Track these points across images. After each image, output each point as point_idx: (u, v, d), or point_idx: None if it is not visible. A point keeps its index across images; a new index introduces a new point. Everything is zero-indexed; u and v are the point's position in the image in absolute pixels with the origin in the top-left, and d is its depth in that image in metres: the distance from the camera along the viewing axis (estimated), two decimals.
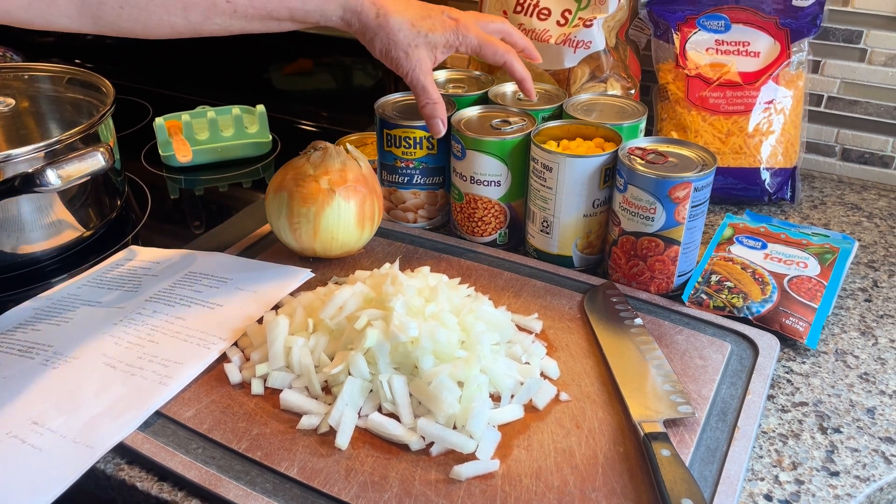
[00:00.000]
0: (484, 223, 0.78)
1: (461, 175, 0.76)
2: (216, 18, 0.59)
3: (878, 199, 0.92)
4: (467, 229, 0.79)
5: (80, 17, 0.54)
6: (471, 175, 0.75)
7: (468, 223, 0.78)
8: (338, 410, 0.55)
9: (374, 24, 0.65)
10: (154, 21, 0.57)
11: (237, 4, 0.59)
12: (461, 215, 0.79)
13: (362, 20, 0.65)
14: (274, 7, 0.61)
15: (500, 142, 0.72)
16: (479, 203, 0.76)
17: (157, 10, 0.56)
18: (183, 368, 0.60)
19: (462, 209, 0.78)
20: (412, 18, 0.66)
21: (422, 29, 0.67)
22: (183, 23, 0.58)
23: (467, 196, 0.76)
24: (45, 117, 0.89)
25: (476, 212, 0.77)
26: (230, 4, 0.59)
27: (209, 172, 1.01)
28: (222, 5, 0.58)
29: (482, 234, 0.78)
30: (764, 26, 0.88)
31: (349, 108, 1.17)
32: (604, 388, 0.59)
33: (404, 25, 0.66)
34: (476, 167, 0.74)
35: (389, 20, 0.65)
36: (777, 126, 0.87)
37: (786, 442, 0.56)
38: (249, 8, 0.60)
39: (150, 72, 1.35)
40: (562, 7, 0.87)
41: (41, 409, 0.56)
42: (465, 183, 0.76)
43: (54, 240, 0.79)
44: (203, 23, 0.59)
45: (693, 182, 0.65)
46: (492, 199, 0.76)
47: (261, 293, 0.69)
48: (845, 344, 0.67)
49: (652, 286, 0.71)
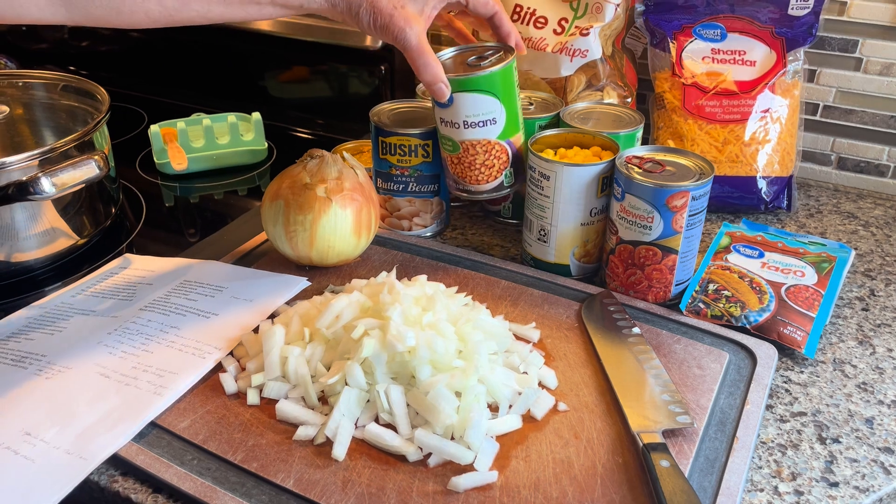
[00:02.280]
0: (487, 168, 0.72)
1: (452, 123, 0.70)
2: (194, 3, 0.56)
3: (874, 208, 0.93)
4: (470, 179, 0.73)
5: (51, 5, 0.52)
6: (463, 120, 0.69)
7: (469, 172, 0.72)
8: (334, 421, 0.54)
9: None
10: (128, 6, 0.54)
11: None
12: (459, 167, 0.73)
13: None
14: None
15: (486, 76, 0.67)
16: (479, 147, 0.71)
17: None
18: (178, 378, 0.59)
19: (459, 160, 0.72)
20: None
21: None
22: (158, 8, 0.55)
23: (464, 144, 0.70)
24: (40, 125, 0.89)
25: (476, 158, 0.72)
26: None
27: (204, 180, 1.01)
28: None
29: (487, 181, 0.73)
30: (760, 35, 0.88)
31: (345, 115, 1.17)
32: (602, 397, 0.59)
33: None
34: (468, 109, 0.68)
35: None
36: (773, 135, 0.87)
37: (785, 452, 0.56)
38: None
39: (145, 79, 1.35)
40: (558, 16, 0.87)
41: (34, 419, 0.56)
42: (458, 130, 0.70)
43: (48, 248, 0.78)
44: (180, 8, 0.56)
45: (691, 191, 0.65)
46: (491, 139, 0.70)
47: (257, 302, 0.68)
48: (843, 353, 0.67)
49: (649, 295, 0.70)
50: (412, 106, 0.83)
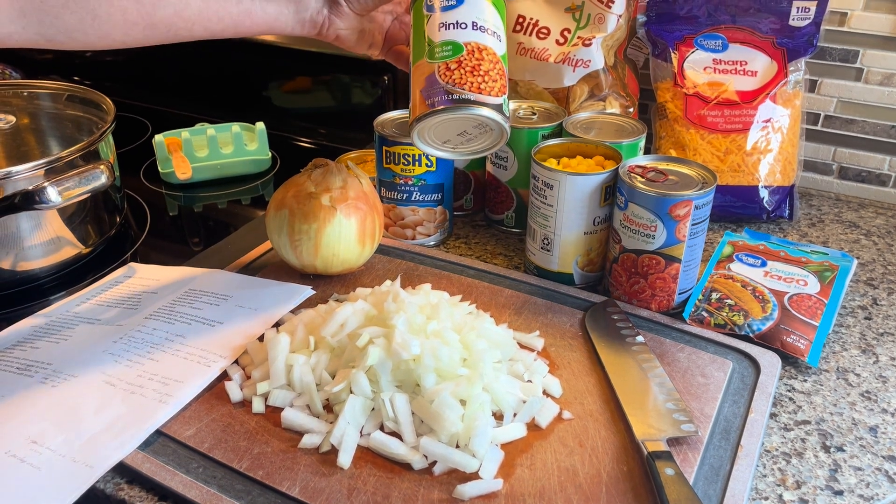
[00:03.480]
0: (490, 78, 0.62)
1: (458, 24, 0.62)
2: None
3: (875, 217, 0.93)
4: (472, 86, 0.61)
5: (22, 17, 0.50)
6: (472, 21, 0.61)
7: (472, 78, 0.61)
8: (339, 429, 0.54)
9: None
10: (104, 8, 0.52)
11: None
12: (459, 72, 0.61)
13: None
14: None
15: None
16: (485, 54, 0.61)
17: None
18: (183, 387, 0.59)
19: (461, 64, 0.61)
20: None
21: None
22: (135, 7, 0.53)
23: (469, 46, 0.61)
24: (46, 134, 0.89)
25: (482, 63, 0.61)
26: None
27: (208, 189, 1.01)
28: None
29: (490, 93, 0.61)
30: (761, 46, 0.89)
31: (348, 125, 1.18)
32: (606, 406, 0.59)
33: None
34: (478, 12, 0.62)
35: None
36: (775, 144, 0.88)
37: (789, 461, 0.56)
38: None
39: (149, 89, 1.35)
40: (561, 26, 0.88)
41: (40, 427, 0.56)
42: (463, 31, 0.61)
43: (53, 257, 0.78)
44: (157, 3, 0.54)
45: (694, 200, 0.65)
46: (496, 52, 0.62)
47: (261, 311, 0.68)
48: (846, 362, 0.67)
49: (653, 304, 0.71)
50: None
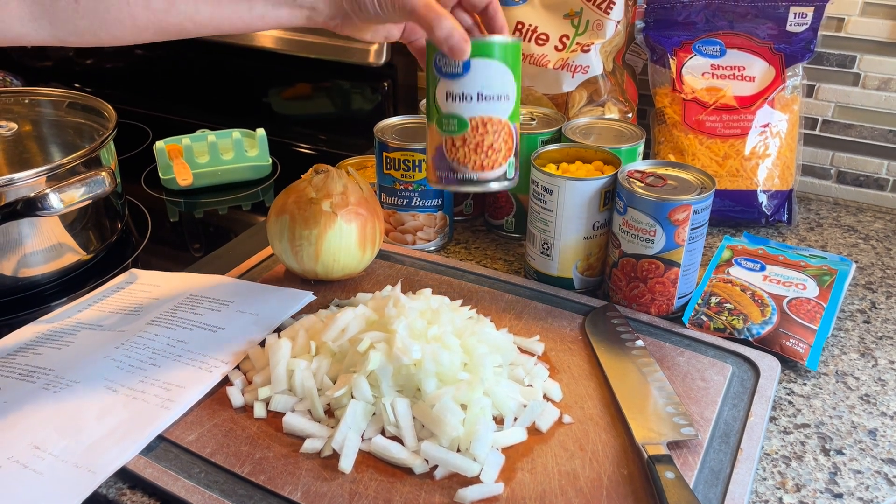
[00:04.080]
0: (494, 151, 0.63)
1: (463, 97, 0.61)
2: (181, 4, 0.54)
3: (874, 222, 0.93)
4: (475, 164, 0.63)
5: (34, 20, 0.51)
6: (478, 92, 0.60)
7: (475, 156, 0.63)
8: (341, 434, 0.54)
9: None
10: (113, 14, 0.53)
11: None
12: (463, 150, 0.63)
13: None
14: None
15: (507, 44, 0.60)
16: (489, 127, 0.62)
17: None
18: (185, 392, 0.60)
19: (464, 142, 0.62)
20: None
21: None
22: (145, 13, 0.53)
23: (473, 121, 0.61)
24: (47, 141, 0.90)
25: (485, 138, 0.62)
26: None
27: (209, 195, 1.02)
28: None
29: (492, 167, 0.63)
30: (759, 51, 0.89)
31: (349, 131, 1.18)
32: (606, 410, 0.59)
33: None
34: (485, 80, 0.60)
35: None
36: (773, 149, 0.88)
37: (789, 464, 0.56)
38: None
39: (149, 96, 1.36)
40: (559, 33, 0.88)
41: (42, 433, 0.56)
42: (469, 104, 0.61)
43: (55, 263, 0.79)
44: (168, 10, 0.54)
45: (692, 205, 0.65)
46: (502, 118, 0.62)
47: (262, 316, 0.69)
48: (845, 365, 0.67)
49: (652, 308, 0.71)
50: (415, 121, 0.84)
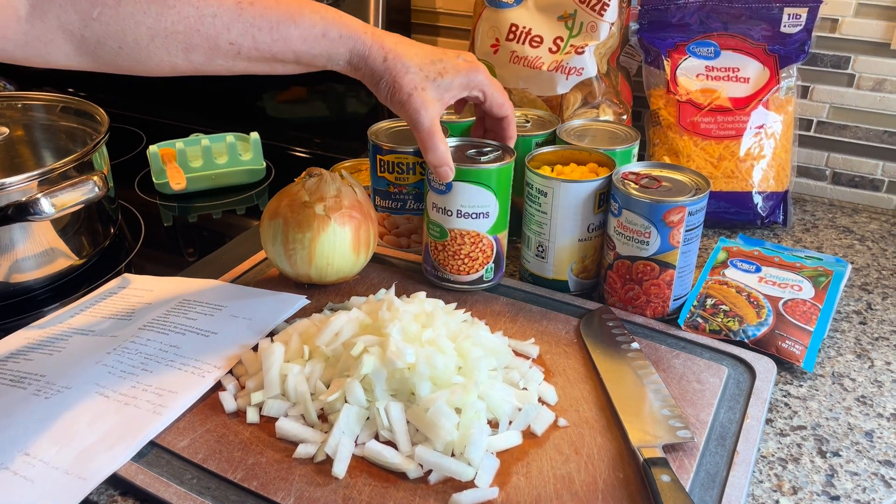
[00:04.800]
0: (471, 259, 0.73)
1: (444, 210, 0.71)
2: (219, 60, 0.58)
3: (869, 223, 0.93)
4: (452, 268, 0.74)
5: (79, 56, 0.54)
6: (457, 209, 0.70)
7: (452, 262, 0.73)
8: (334, 438, 0.54)
9: (381, 67, 0.63)
10: (155, 61, 0.56)
11: (241, 47, 0.58)
12: (443, 254, 0.73)
13: (369, 64, 0.63)
14: (279, 50, 0.59)
15: (489, 171, 0.69)
16: (467, 238, 0.72)
17: (157, 51, 0.55)
18: (177, 397, 0.59)
19: (445, 247, 0.73)
20: (421, 62, 0.64)
21: (430, 72, 0.64)
22: (185, 64, 0.57)
23: (452, 232, 0.72)
24: (39, 146, 0.89)
25: (462, 248, 0.72)
26: (234, 47, 0.57)
27: (203, 200, 1.01)
28: (225, 48, 0.57)
29: (468, 272, 0.74)
30: (753, 53, 0.89)
31: (343, 134, 1.18)
32: (602, 413, 0.59)
33: (412, 68, 0.64)
34: (463, 199, 0.70)
35: (397, 63, 0.63)
36: (768, 150, 0.88)
37: (785, 466, 0.56)
38: (253, 51, 0.58)
39: (143, 100, 1.35)
40: (554, 35, 0.88)
41: (33, 440, 0.55)
42: (449, 218, 0.71)
43: (47, 268, 0.78)
44: (206, 63, 0.58)
45: (687, 206, 0.65)
46: (480, 232, 0.72)
47: (256, 320, 0.68)
48: (841, 367, 0.67)
49: (648, 310, 0.71)
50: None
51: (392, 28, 1.11)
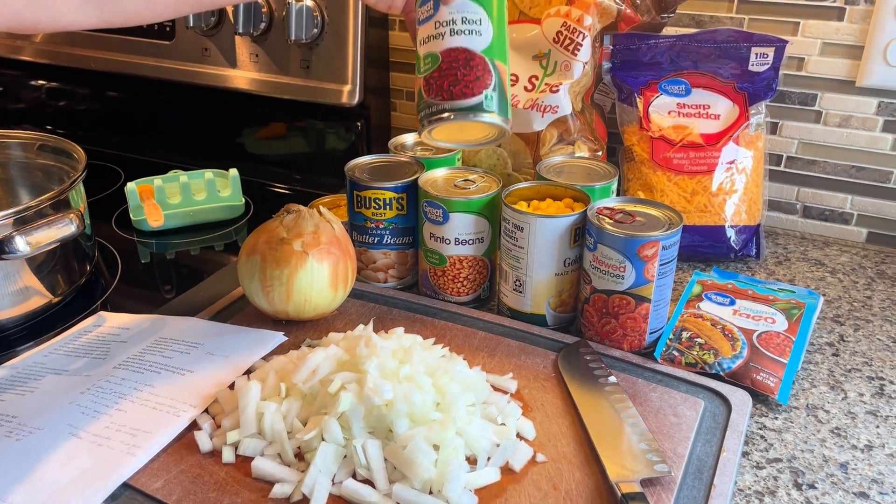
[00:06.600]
0: (469, 281, 0.79)
1: (443, 239, 0.76)
2: None
3: (840, 255, 0.95)
4: (451, 291, 0.79)
5: (85, 6, 0.53)
6: (455, 237, 0.76)
7: (452, 285, 0.79)
8: (311, 478, 0.54)
9: None
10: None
11: None
12: (443, 279, 0.79)
13: None
14: None
15: (480, 200, 0.74)
16: (465, 263, 0.77)
17: None
18: (152, 437, 0.58)
19: (444, 273, 0.78)
20: None
21: None
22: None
23: (451, 259, 0.77)
24: (15, 184, 0.89)
25: (462, 272, 0.78)
26: None
27: (181, 236, 1.01)
28: None
29: (467, 293, 0.79)
30: (723, 90, 0.91)
31: (322, 170, 1.19)
32: (580, 447, 0.59)
33: None
34: (461, 228, 0.75)
35: None
36: (740, 185, 0.90)
37: (762, 500, 0.56)
38: None
39: (122, 136, 1.35)
40: (529, 73, 0.90)
41: (3, 482, 0.54)
42: (448, 246, 0.76)
43: (21, 307, 0.77)
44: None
45: (661, 240, 0.66)
46: (477, 255, 0.77)
47: (232, 358, 0.68)
48: (816, 399, 0.68)
49: (625, 343, 0.71)
50: (387, 160, 0.84)
51: (371, 66, 1.13)
